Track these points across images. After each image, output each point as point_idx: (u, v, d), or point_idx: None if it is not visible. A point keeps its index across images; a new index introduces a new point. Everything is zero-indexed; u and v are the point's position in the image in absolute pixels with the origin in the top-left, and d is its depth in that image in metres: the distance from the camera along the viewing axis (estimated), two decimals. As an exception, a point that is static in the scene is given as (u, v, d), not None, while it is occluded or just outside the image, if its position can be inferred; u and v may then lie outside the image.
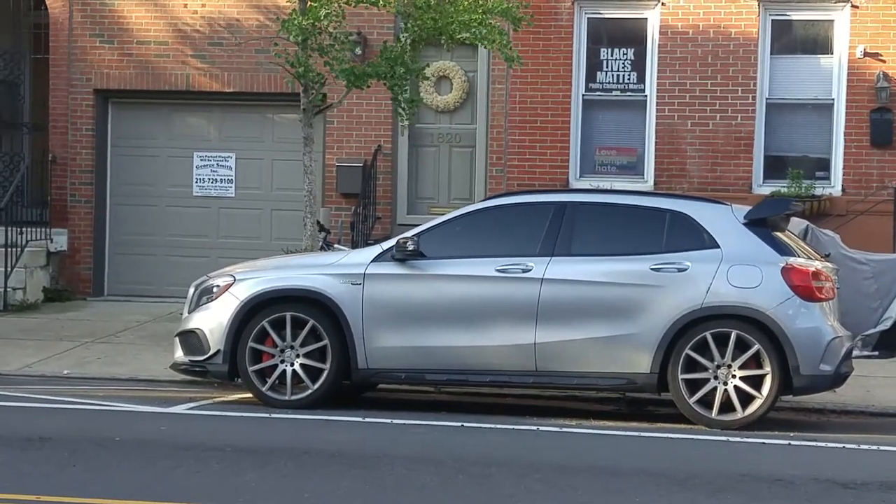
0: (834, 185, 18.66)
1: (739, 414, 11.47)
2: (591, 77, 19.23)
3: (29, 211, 19.78)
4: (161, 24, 19.78)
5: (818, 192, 18.45)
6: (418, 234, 12.14)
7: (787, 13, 18.84)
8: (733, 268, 11.64)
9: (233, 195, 20.06)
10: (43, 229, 19.70)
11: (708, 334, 11.54)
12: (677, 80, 18.84)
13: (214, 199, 20.11)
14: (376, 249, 12.26)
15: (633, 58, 19.13)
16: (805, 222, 16.77)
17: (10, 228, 18.57)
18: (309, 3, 15.01)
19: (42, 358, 15.15)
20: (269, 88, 19.39)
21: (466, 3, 15.49)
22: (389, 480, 8.78)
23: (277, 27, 15.93)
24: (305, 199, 15.67)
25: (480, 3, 15.61)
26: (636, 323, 11.63)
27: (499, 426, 11.20)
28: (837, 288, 12.34)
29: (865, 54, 18.42)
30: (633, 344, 11.63)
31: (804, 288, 11.58)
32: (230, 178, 20.06)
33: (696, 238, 11.86)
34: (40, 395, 12.48)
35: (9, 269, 18.44)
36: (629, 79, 19.18)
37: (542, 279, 11.79)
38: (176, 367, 12.57)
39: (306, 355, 11.95)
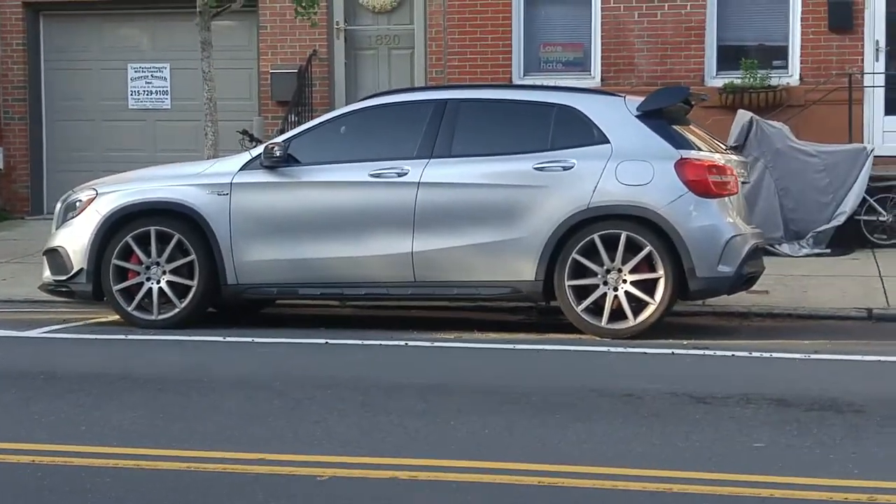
0: (791, 74, 17.64)
1: (631, 322, 10.64)
2: (532, -32, 18.25)
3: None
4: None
5: (774, 82, 17.43)
6: (289, 139, 11.35)
7: None
8: (623, 164, 10.76)
9: (169, 107, 19.30)
10: (-24, 149, 19.06)
11: (596, 236, 10.70)
12: (622, -32, 17.81)
13: (150, 111, 19.38)
14: (245, 157, 11.48)
15: (576, -54, 18.11)
16: (749, 114, 15.94)
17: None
18: None
19: (-55, 281, 14.51)
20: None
21: None
22: (196, 406, 8.04)
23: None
24: (206, 108, 14.84)
25: None
26: (519, 227, 10.79)
27: (367, 342, 10.44)
28: (744, 182, 11.46)
29: (821, -70, 17.34)
30: (517, 250, 10.80)
31: (700, 183, 10.69)
32: (165, 89, 19.29)
33: (584, 133, 10.98)
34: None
35: (-64, 190, 17.84)
36: (573, -31, 18.19)
37: (419, 183, 10.96)
38: (44, 287, 11.86)
39: (173, 272, 11.22)
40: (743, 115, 15.84)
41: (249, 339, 10.57)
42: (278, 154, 11.10)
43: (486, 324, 11.64)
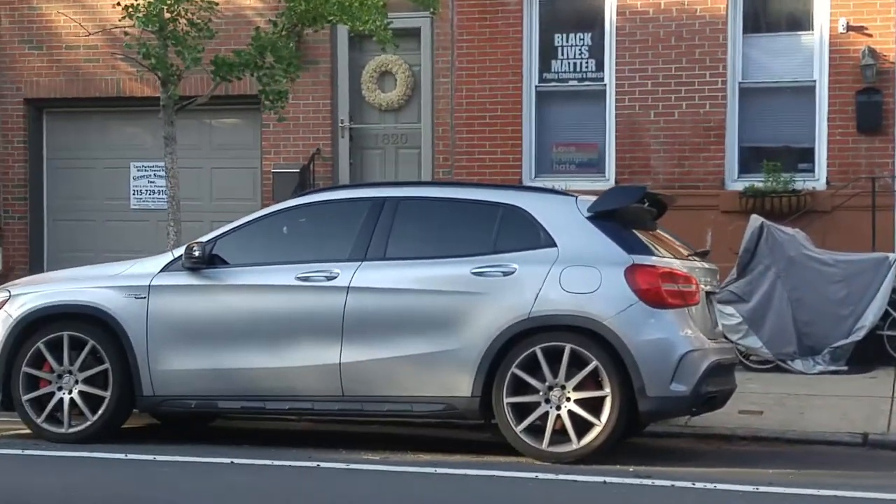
0: (818, 178, 16.53)
1: (574, 445, 9.55)
2: (544, 66, 17.39)
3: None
4: (89, 26, 18.33)
5: (798, 186, 16.33)
6: (214, 239, 10.51)
7: (761, -14, 16.80)
8: (568, 269, 9.74)
9: (170, 207, 18.56)
10: (-26, 248, 18.52)
11: (538, 349, 9.66)
12: (637, 65, 16.92)
13: (153, 211, 18.68)
14: (167, 257, 10.64)
15: (590, 43, 17.27)
16: (760, 219, 14.85)
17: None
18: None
19: None
20: (205, 91, 17.80)
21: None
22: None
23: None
24: (169, 207, 14.07)
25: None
26: (455, 338, 9.79)
27: (277, 462, 9.43)
28: (712, 292, 10.39)
29: (848, 28, 16.31)
30: (452, 362, 9.79)
31: (651, 292, 9.62)
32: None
33: (530, 236, 9.99)
34: None
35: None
36: (587, 66, 17.32)
37: (349, 287, 10.04)
38: (-46, 396, 10.99)
39: (86, 381, 10.35)
40: (754, 221, 14.75)
41: (151, 457, 9.62)
42: (198, 255, 10.27)
43: (429, 441, 10.63)
